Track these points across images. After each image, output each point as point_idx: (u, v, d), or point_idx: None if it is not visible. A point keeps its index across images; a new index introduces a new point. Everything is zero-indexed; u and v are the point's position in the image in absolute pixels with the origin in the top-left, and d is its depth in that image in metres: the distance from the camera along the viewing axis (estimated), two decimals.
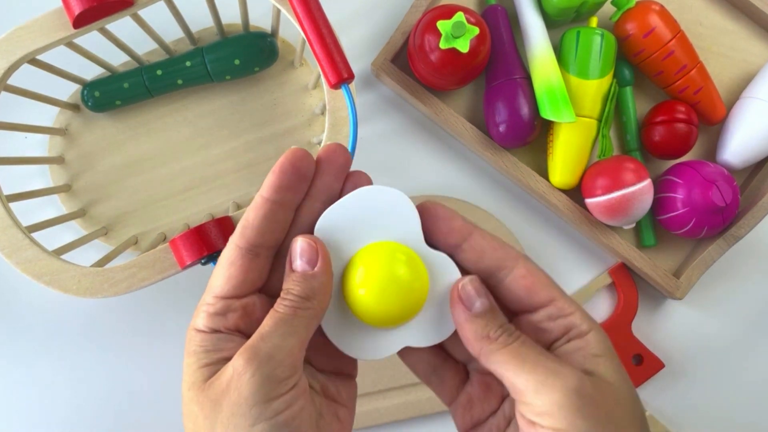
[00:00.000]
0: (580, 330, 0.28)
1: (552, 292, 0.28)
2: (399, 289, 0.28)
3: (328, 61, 0.36)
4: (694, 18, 0.57)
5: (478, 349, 0.28)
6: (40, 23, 0.42)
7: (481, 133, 0.53)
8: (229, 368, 0.27)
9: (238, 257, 0.29)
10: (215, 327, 0.29)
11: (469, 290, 0.28)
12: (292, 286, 0.28)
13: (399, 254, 0.29)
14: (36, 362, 0.53)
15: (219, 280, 0.29)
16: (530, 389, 0.26)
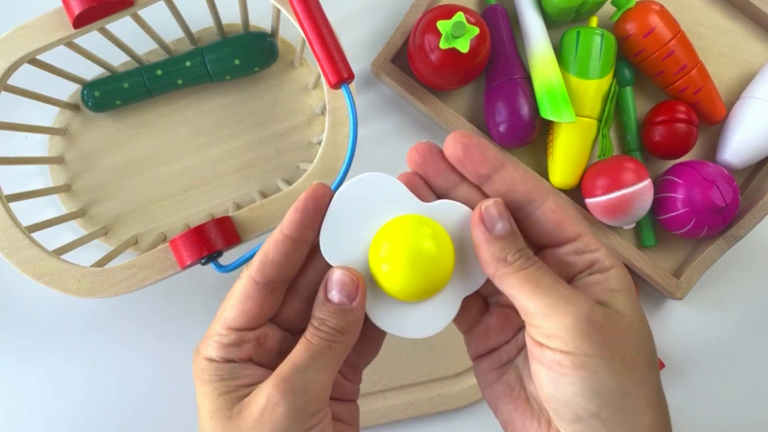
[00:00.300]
0: (603, 265, 0.28)
1: (580, 227, 0.28)
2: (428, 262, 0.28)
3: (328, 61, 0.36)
4: (694, 18, 0.57)
5: (493, 270, 0.28)
6: (40, 23, 0.42)
7: (481, 133, 0.53)
8: (262, 398, 0.27)
9: (256, 292, 0.29)
10: (229, 357, 0.29)
11: (492, 212, 0.28)
12: (327, 317, 0.28)
13: (425, 227, 0.29)
14: (36, 362, 0.53)
15: (233, 312, 0.29)
16: (541, 312, 0.27)
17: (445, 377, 0.53)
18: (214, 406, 0.28)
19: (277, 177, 0.54)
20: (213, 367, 0.29)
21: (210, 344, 0.29)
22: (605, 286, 0.28)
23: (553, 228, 0.29)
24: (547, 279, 0.27)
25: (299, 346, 0.28)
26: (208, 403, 0.28)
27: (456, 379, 0.53)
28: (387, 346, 0.53)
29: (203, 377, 0.29)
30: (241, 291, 0.29)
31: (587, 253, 0.28)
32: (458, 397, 0.53)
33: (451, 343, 0.53)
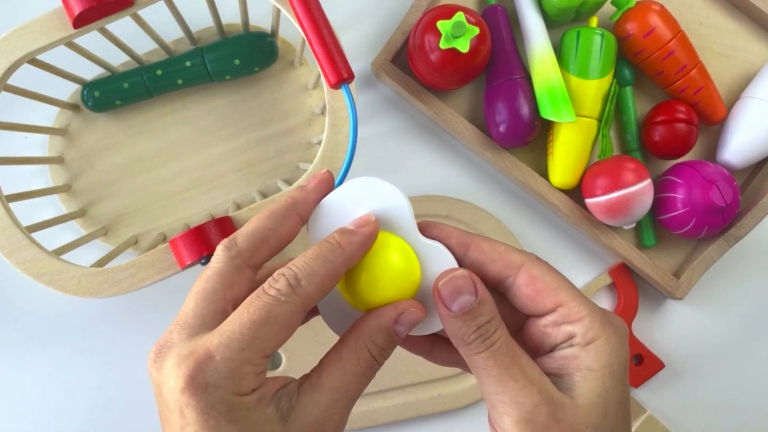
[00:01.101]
0: (585, 338, 0.27)
1: (558, 297, 0.28)
2: (390, 277, 0.28)
3: (328, 61, 0.36)
4: (694, 18, 0.57)
5: (456, 345, 0.28)
6: (40, 23, 0.42)
7: (481, 133, 0.53)
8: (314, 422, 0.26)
9: (299, 320, 0.26)
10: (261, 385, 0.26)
11: (446, 291, 0.27)
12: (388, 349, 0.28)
13: (392, 242, 0.29)
14: (36, 362, 0.53)
15: (272, 341, 0.25)
16: (490, 400, 0.27)
17: (445, 377, 0.53)
18: None
19: (277, 177, 0.54)
20: (245, 402, 0.25)
21: (244, 377, 0.25)
22: (578, 363, 0.27)
23: (528, 302, 0.29)
24: (499, 367, 0.27)
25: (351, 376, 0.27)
26: None
27: (456, 379, 0.53)
28: None
29: (234, 414, 0.25)
30: (285, 320, 0.26)
31: (565, 324, 0.28)
32: (458, 397, 0.53)
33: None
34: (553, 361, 0.28)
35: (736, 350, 0.56)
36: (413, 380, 0.53)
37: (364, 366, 0.27)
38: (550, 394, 0.26)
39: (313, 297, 0.26)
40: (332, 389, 0.26)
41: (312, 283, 0.26)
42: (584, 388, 0.27)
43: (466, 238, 0.29)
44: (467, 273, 0.28)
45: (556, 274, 0.28)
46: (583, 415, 0.26)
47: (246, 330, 0.25)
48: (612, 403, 0.27)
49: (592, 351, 0.27)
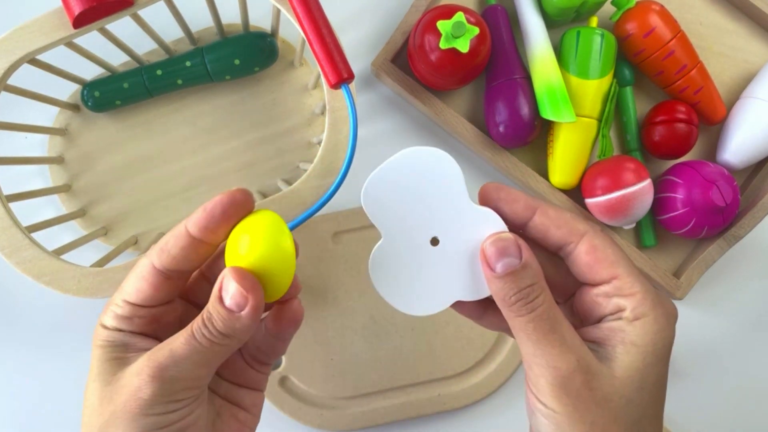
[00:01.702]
0: (635, 313, 0.28)
1: (615, 270, 0.28)
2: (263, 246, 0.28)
3: (328, 61, 0.36)
4: (694, 18, 0.57)
5: (499, 305, 0.29)
6: (40, 23, 0.42)
7: (481, 133, 0.53)
8: (134, 377, 0.28)
9: (151, 275, 0.30)
10: (120, 328, 0.30)
11: (490, 252, 0.28)
12: (215, 317, 0.28)
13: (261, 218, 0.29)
14: (36, 362, 0.53)
15: (130, 288, 0.30)
16: (529, 362, 0.28)
17: (445, 377, 0.53)
18: (99, 369, 0.29)
19: (277, 177, 0.54)
20: (105, 333, 0.30)
21: (107, 313, 0.30)
22: (623, 337, 0.28)
23: (587, 270, 0.29)
24: (539, 331, 0.27)
25: (182, 336, 0.28)
26: (95, 365, 0.29)
27: (456, 379, 0.53)
28: (387, 346, 0.53)
29: (96, 341, 0.30)
30: (139, 270, 0.30)
31: (617, 297, 0.28)
32: (458, 397, 0.53)
33: (451, 343, 0.53)
34: (599, 331, 0.29)
35: (736, 350, 0.56)
36: (413, 380, 0.53)
37: (195, 328, 0.28)
38: (587, 362, 0.27)
39: (157, 252, 0.30)
40: (162, 344, 0.28)
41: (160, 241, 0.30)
42: (624, 361, 0.27)
43: (533, 203, 0.30)
44: (513, 236, 0.29)
45: (617, 248, 0.29)
46: (618, 386, 0.27)
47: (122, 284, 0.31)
48: (649, 380, 0.28)
49: (639, 327, 0.28)
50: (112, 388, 0.28)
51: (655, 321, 0.28)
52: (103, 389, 0.29)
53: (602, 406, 0.27)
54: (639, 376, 0.27)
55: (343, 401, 0.52)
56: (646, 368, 0.27)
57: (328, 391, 0.52)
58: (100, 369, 0.29)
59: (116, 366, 0.29)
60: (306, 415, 0.52)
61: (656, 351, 0.28)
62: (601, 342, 0.28)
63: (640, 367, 0.27)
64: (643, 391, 0.27)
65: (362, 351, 0.53)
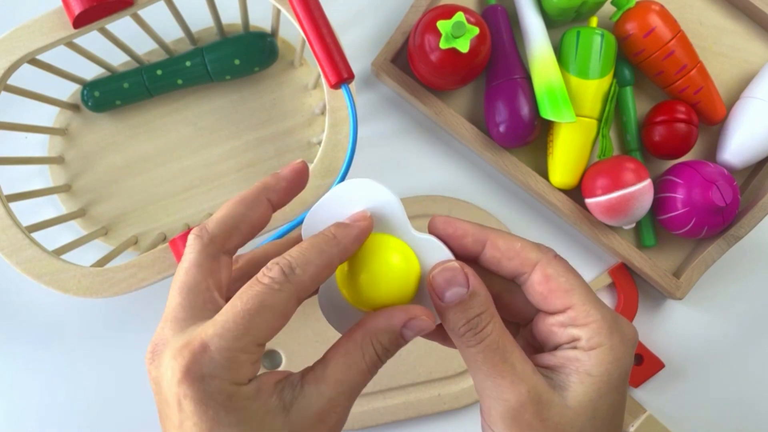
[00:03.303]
0: (590, 343, 0.27)
1: (569, 299, 0.28)
2: (390, 278, 0.28)
3: (328, 61, 0.36)
4: (694, 18, 0.57)
5: (450, 336, 0.28)
6: (40, 23, 0.42)
7: (481, 133, 0.53)
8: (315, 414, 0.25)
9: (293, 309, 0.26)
10: (257, 374, 0.26)
11: (437, 282, 0.28)
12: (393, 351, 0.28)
13: (391, 243, 0.29)
14: (36, 362, 0.53)
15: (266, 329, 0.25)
16: (481, 394, 0.28)
17: (445, 377, 0.53)
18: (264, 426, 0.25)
19: None
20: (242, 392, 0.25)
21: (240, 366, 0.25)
22: (578, 366, 0.27)
23: (540, 300, 0.29)
24: (489, 360, 0.27)
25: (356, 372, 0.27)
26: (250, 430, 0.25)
27: (456, 379, 0.53)
28: None
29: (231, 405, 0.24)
30: (280, 309, 0.25)
31: (571, 327, 0.28)
32: (458, 397, 0.53)
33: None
34: (555, 358, 0.28)
35: (736, 350, 0.56)
36: (413, 380, 0.53)
37: (369, 363, 0.27)
38: (539, 392, 0.27)
39: (306, 286, 0.26)
40: (336, 382, 0.26)
41: (306, 272, 0.26)
42: (578, 391, 0.27)
43: (482, 236, 0.29)
44: (458, 264, 0.28)
45: (571, 275, 0.28)
46: (571, 416, 0.27)
47: (240, 319, 0.25)
48: (603, 408, 0.27)
49: (594, 357, 0.27)
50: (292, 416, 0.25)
51: (610, 350, 0.27)
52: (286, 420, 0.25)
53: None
54: (592, 406, 0.27)
55: None
56: (599, 398, 0.27)
57: None
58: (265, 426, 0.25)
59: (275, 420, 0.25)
60: None
61: (611, 380, 0.27)
62: (555, 369, 0.28)
63: (594, 397, 0.27)
64: (596, 420, 0.27)
65: None
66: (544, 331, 0.29)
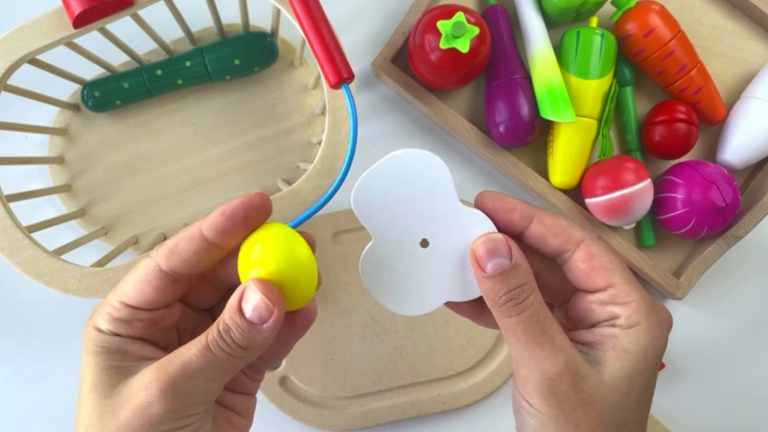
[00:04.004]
0: (629, 321, 0.28)
1: (611, 278, 0.28)
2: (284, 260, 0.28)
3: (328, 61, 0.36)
4: (694, 18, 0.57)
5: (489, 305, 0.29)
6: (40, 23, 0.42)
7: (481, 133, 0.53)
8: (141, 390, 0.26)
9: (156, 277, 0.28)
10: (118, 332, 0.28)
11: (480, 252, 0.28)
12: (234, 329, 0.27)
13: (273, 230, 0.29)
14: (36, 362, 0.53)
15: (131, 289, 0.28)
16: (518, 364, 0.28)
17: (445, 377, 0.53)
18: (96, 379, 0.27)
19: (277, 177, 0.54)
20: (100, 338, 0.28)
21: (102, 315, 0.28)
22: (615, 343, 0.28)
23: (582, 278, 0.29)
24: (527, 333, 0.27)
25: (195, 348, 0.27)
26: (90, 374, 0.27)
27: (456, 379, 0.53)
28: (387, 346, 0.53)
29: (90, 347, 0.28)
30: (142, 272, 0.28)
31: (612, 305, 0.28)
32: (458, 397, 0.53)
33: (451, 343, 0.53)
34: (592, 335, 0.29)
35: (736, 350, 0.56)
36: (413, 380, 0.53)
37: (210, 339, 0.27)
38: (576, 364, 0.27)
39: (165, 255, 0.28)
40: (173, 355, 0.27)
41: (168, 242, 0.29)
42: (614, 366, 0.27)
43: (530, 211, 0.30)
44: (503, 236, 0.29)
45: (613, 256, 0.29)
46: (605, 390, 0.27)
47: (119, 284, 0.29)
48: (637, 385, 0.28)
49: (632, 334, 0.28)
50: (113, 401, 0.27)
51: (648, 329, 0.28)
52: (103, 402, 0.27)
53: (588, 409, 0.27)
54: (626, 382, 0.27)
55: (343, 401, 0.52)
56: (634, 375, 0.27)
57: (328, 391, 0.52)
58: (98, 379, 0.27)
59: (116, 376, 0.27)
60: (306, 415, 0.52)
61: (646, 359, 0.28)
62: (592, 345, 0.29)
63: (629, 374, 0.27)
64: (630, 397, 0.28)
65: (362, 351, 0.53)
66: (582, 309, 0.30)
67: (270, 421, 0.53)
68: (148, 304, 0.28)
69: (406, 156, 0.30)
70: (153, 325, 0.29)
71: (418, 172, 0.30)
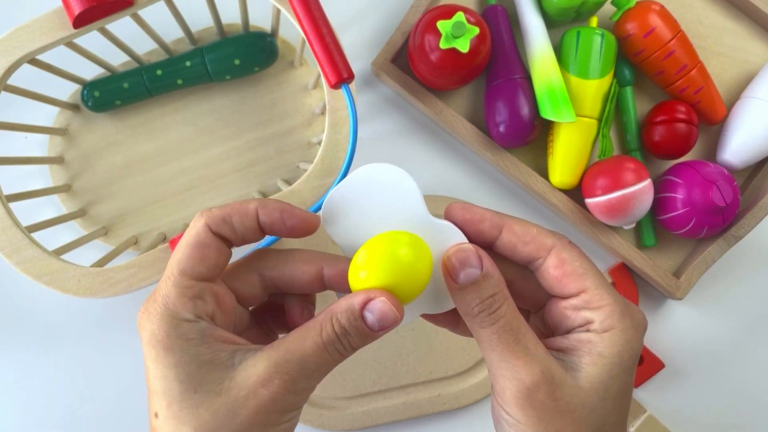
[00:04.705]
0: (603, 326, 0.28)
1: (583, 283, 0.28)
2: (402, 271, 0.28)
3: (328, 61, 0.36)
4: (694, 17, 0.57)
5: (464, 318, 0.29)
6: (40, 23, 0.42)
7: (481, 133, 0.53)
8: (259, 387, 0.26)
9: (212, 240, 0.28)
10: (197, 313, 0.27)
11: (452, 262, 0.28)
12: (352, 333, 0.27)
13: (402, 237, 0.29)
14: (36, 362, 0.53)
15: (189, 260, 0.28)
16: (494, 374, 0.28)
17: (445, 377, 0.53)
18: (197, 379, 0.25)
19: (277, 177, 0.54)
20: (182, 329, 0.26)
21: (172, 301, 0.26)
22: (591, 348, 0.28)
23: (555, 284, 0.29)
24: (502, 342, 0.27)
25: (313, 345, 0.27)
26: (186, 374, 0.25)
27: (456, 379, 0.53)
28: (387, 347, 0.53)
29: (169, 343, 0.26)
30: (195, 239, 0.28)
31: (585, 310, 0.29)
32: (458, 397, 0.53)
33: (451, 343, 0.53)
34: (567, 341, 0.29)
35: (736, 350, 0.56)
36: (413, 380, 0.53)
37: (325, 339, 0.27)
38: (552, 373, 0.27)
39: (216, 217, 0.28)
40: (287, 350, 0.27)
41: (220, 209, 0.29)
42: (590, 372, 0.28)
43: (499, 221, 0.30)
44: (473, 247, 0.29)
45: (585, 261, 0.29)
46: (582, 397, 0.27)
47: (168, 264, 0.28)
48: (613, 390, 0.28)
49: (606, 339, 0.28)
50: (225, 399, 0.25)
51: (623, 333, 0.28)
52: (215, 401, 0.25)
53: (565, 416, 0.27)
54: (603, 386, 0.27)
55: (343, 401, 0.52)
56: (610, 379, 0.28)
57: (328, 391, 0.52)
58: (201, 377, 0.25)
59: (215, 371, 0.26)
60: (306, 415, 0.52)
61: (622, 362, 0.28)
62: (567, 351, 0.29)
63: (605, 378, 0.27)
64: (606, 401, 0.28)
65: (362, 351, 0.52)
66: (557, 316, 0.30)
67: None
68: (211, 270, 0.28)
69: (375, 170, 0.30)
70: (218, 300, 0.28)
71: (386, 186, 0.30)
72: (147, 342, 0.26)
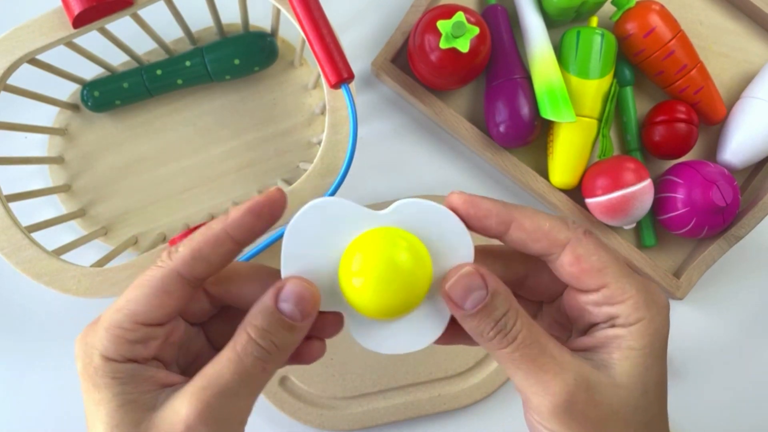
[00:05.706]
0: (629, 319, 0.26)
1: (603, 278, 0.27)
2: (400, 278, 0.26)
3: (328, 60, 0.36)
4: (694, 17, 0.57)
5: (478, 342, 0.27)
6: (39, 23, 0.42)
7: (481, 133, 0.53)
8: (178, 425, 0.24)
9: (178, 287, 0.26)
10: (132, 357, 0.25)
11: (458, 292, 0.26)
12: (272, 330, 0.25)
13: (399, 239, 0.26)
14: (36, 362, 0.53)
15: (146, 305, 0.25)
16: (525, 393, 0.26)
17: (445, 377, 0.53)
18: (116, 418, 0.24)
19: (276, 177, 0.54)
20: (111, 368, 0.25)
21: (108, 339, 0.25)
22: (620, 342, 0.26)
23: (572, 280, 0.27)
24: (527, 357, 0.26)
25: (227, 362, 0.25)
26: (106, 413, 0.25)
27: (456, 379, 0.53)
28: None
29: (97, 380, 0.25)
30: (160, 284, 0.26)
31: (607, 305, 0.27)
32: (458, 397, 0.53)
33: None
34: (593, 339, 0.27)
35: (736, 350, 0.56)
36: (413, 380, 0.53)
37: (240, 349, 0.25)
38: (585, 377, 0.26)
39: (186, 260, 0.26)
40: (201, 376, 0.25)
41: (187, 248, 0.26)
42: (624, 366, 0.26)
43: (507, 216, 0.27)
44: (473, 268, 0.26)
45: (603, 252, 0.27)
46: (624, 395, 0.26)
47: (121, 296, 0.26)
48: (652, 381, 0.26)
49: (635, 331, 0.26)
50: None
51: (650, 322, 0.26)
52: None
53: (611, 420, 0.26)
54: (641, 380, 0.26)
55: (343, 401, 0.52)
56: (647, 371, 0.26)
57: (328, 391, 0.52)
58: (118, 417, 0.24)
59: (137, 411, 0.25)
60: (306, 415, 0.52)
61: (654, 351, 0.26)
62: (595, 349, 0.27)
63: (641, 371, 0.26)
64: (648, 394, 0.26)
65: (362, 351, 0.53)
66: (576, 309, 0.28)
67: (270, 421, 0.53)
68: (169, 316, 0.26)
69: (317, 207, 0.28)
70: (165, 341, 0.27)
71: (331, 216, 0.28)
72: (80, 372, 0.26)
